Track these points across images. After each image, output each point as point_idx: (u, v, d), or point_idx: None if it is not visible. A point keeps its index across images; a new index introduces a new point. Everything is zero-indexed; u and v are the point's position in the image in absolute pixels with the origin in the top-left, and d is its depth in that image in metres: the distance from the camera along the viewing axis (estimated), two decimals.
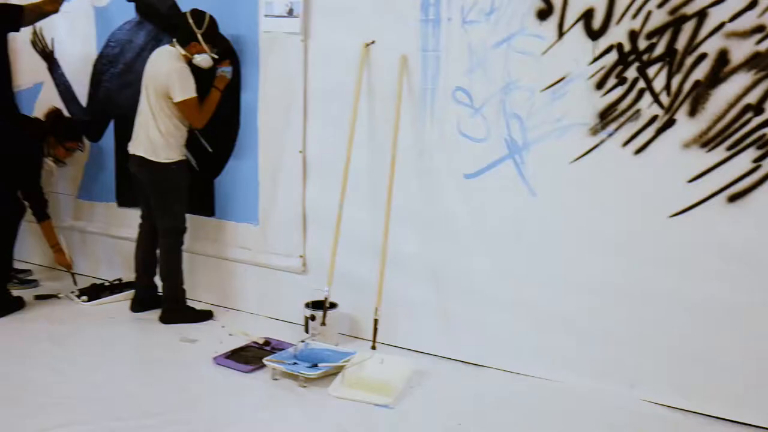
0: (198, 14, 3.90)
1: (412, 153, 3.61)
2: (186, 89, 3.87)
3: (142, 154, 4.01)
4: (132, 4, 4.41)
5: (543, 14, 3.19)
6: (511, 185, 3.38)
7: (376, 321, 3.51)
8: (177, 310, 4.16)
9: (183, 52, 3.90)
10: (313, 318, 3.74)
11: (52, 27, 4.74)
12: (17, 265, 4.67)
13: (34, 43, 4.89)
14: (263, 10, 3.93)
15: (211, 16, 3.91)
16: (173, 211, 4.09)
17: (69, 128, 4.61)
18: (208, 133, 4.23)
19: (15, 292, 4.40)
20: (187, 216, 4.27)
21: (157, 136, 3.95)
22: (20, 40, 4.77)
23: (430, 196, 3.61)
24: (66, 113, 4.73)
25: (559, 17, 3.16)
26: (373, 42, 3.64)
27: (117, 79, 4.57)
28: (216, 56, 3.93)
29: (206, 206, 4.34)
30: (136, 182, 4.16)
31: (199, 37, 3.86)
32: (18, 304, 4.30)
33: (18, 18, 4.10)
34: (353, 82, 3.69)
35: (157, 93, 3.91)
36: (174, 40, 3.95)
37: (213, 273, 4.42)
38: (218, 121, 4.13)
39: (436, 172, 3.58)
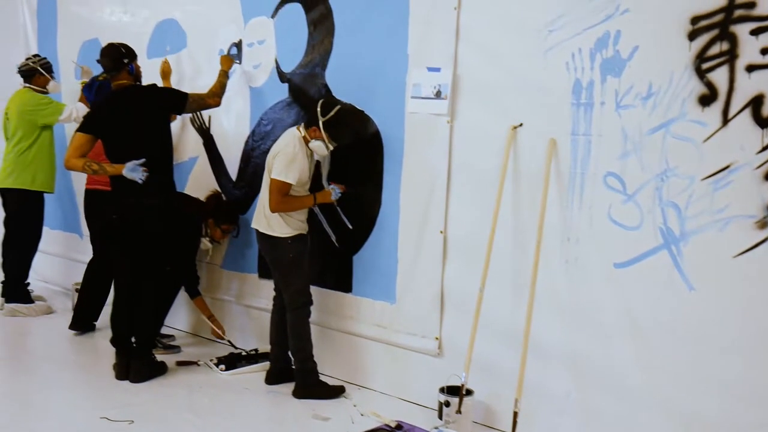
0: (328, 104, 4.01)
1: (559, 238, 3.49)
2: (284, 171, 3.93)
3: (259, 228, 4.11)
4: (285, 85, 4.61)
5: (706, 100, 3.04)
6: (666, 277, 3.17)
7: (515, 414, 3.34)
8: (309, 385, 4.14)
9: (303, 133, 4.01)
10: (447, 404, 3.61)
11: None
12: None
13: (192, 120, 5.20)
14: (410, 92, 3.99)
15: (340, 109, 3.99)
16: (294, 285, 4.12)
17: (228, 212, 4.84)
18: (349, 209, 4.29)
19: (159, 357, 4.55)
20: (324, 291, 4.32)
21: (270, 212, 4.03)
22: (180, 116, 5.10)
23: (577, 284, 3.45)
24: (219, 190, 4.97)
25: (723, 103, 2.99)
26: (520, 124, 3.60)
27: (266, 156, 4.75)
28: (332, 146, 4.00)
29: (344, 282, 4.37)
30: None
31: (320, 123, 3.95)
32: (161, 369, 4.45)
33: (182, 105, 4.37)
34: (499, 164, 3.64)
35: (269, 168, 4.04)
36: (303, 123, 4.07)
37: (347, 349, 4.40)
38: (360, 198, 4.19)
39: (584, 259, 3.43)
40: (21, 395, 4.14)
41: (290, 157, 3.94)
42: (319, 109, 3.98)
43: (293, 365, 4.22)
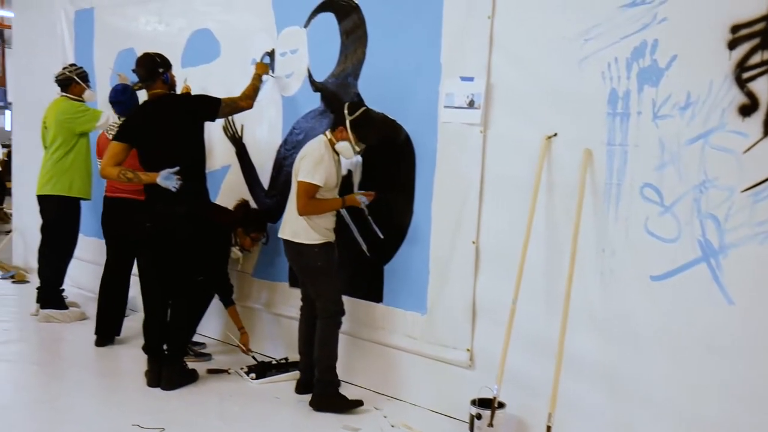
0: (355, 104, 4.04)
1: (594, 250, 3.44)
2: (310, 173, 3.92)
3: (285, 237, 4.11)
4: (318, 94, 4.62)
5: (746, 110, 2.97)
6: (705, 291, 3.10)
7: (549, 428, 3.29)
8: (327, 396, 4.08)
9: (329, 136, 4.01)
10: (479, 417, 3.57)
11: (242, 114, 5.03)
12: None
13: (225, 129, 5.24)
14: (443, 102, 3.97)
15: (367, 110, 4.02)
16: (326, 293, 4.08)
17: (257, 220, 4.86)
18: (381, 219, 4.28)
19: (190, 365, 4.57)
20: (355, 301, 4.30)
21: (297, 218, 4.00)
22: (213, 125, 5.12)
23: (612, 297, 3.40)
24: (250, 198, 4.99)
25: (765, 113, 2.92)
26: (555, 134, 3.56)
27: None
28: (359, 148, 4.01)
29: (375, 292, 4.35)
30: None
31: (348, 123, 3.96)
32: (192, 377, 4.47)
33: (215, 111, 4.39)
34: (532, 175, 3.60)
35: (296, 173, 4.03)
36: (329, 129, 4.08)
37: (377, 359, 4.38)
38: (391, 208, 4.18)
39: (619, 271, 3.37)
40: (53, 401, 4.17)
41: (317, 159, 3.93)
42: (346, 110, 4.00)
43: (315, 374, 4.15)
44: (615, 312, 3.39)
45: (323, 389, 4.09)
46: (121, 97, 5.09)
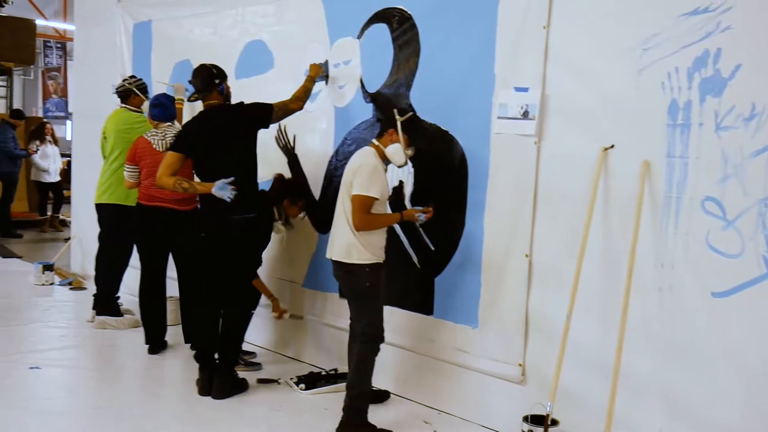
0: (404, 109, 3.98)
1: (652, 265, 3.34)
2: (365, 186, 3.74)
3: (334, 257, 3.92)
4: (370, 105, 4.61)
5: None
6: None
7: None
8: (354, 425, 3.85)
9: (377, 143, 3.92)
10: None
11: (295, 125, 5.08)
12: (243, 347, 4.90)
13: (277, 139, 5.27)
14: (496, 112, 3.92)
15: (414, 115, 3.97)
16: (367, 316, 3.88)
17: (298, 186, 4.91)
18: (432, 231, 4.24)
19: (240, 374, 4.59)
20: (405, 313, 4.26)
21: (347, 235, 3.82)
22: (264, 135, 5.15)
23: (671, 313, 3.29)
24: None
25: None
26: (612, 146, 3.47)
27: None
28: (410, 152, 3.92)
29: (425, 304, 4.31)
30: None
31: (399, 124, 3.88)
32: (243, 386, 4.49)
33: (269, 116, 4.42)
34: (588, 187, 3.52)
35: (346, 187, 3.85)
36: (374, 139, 4.00)
37: (426, 372, 4.33)
38: (443, 220, 4.14)
39: (679, 287, 3.26)
40: (107, 407, 4.23)
41: (371, 170, 3.78)
42: (396, 111, 3.93)
43: (345, 399, 3.90)
44: (675, 329, 3.28)
45: (350, 415, 3.87)
46: (164, 99, 5.25)
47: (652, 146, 3.34)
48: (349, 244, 3.84)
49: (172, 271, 5.30)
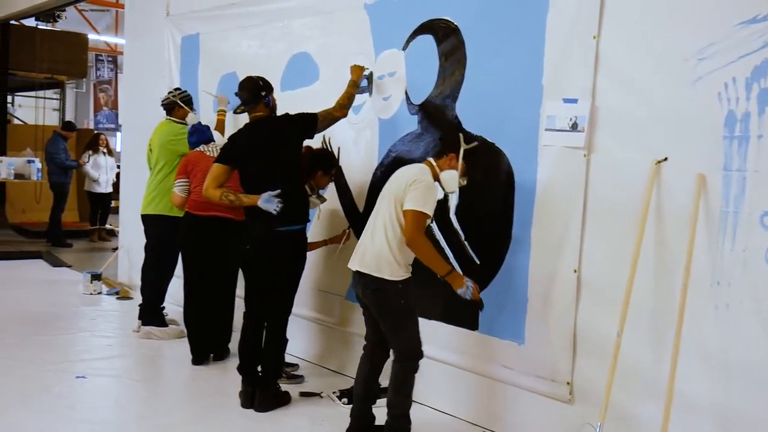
0: (472, 137, 3.89)
1: (707, 282, 3.22)
2: (422, 201, 3.57)
3: (362, 269, 3.74)
4: (415, 117, 4.57)
5: None
6: None
7: None
8: None
9: (434, 163, 3.80)
10: None
11: (339, 137, 5.07)
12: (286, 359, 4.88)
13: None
14: (544, 124, 3.85)
15: (480, 145, 3.88)
16: (408, 334, 3.75)
17: (328, 155, 4.90)
18: (478, 244, 4.17)
19: (283, 387, 4.56)
20: (449, 328, 4.18)
21: (384, 249, 3.66)
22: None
23: (728, 332, 3.16)
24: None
25: None
26: (665, 159, 3.37)
27: None
28: (464, 182, 3.83)
29: (470, 319, 4.23)
30: None
31: (462, 150, 3.77)
32: (285, 399, 4.47)
33: (314, 126, 4.42)
34: (640, 201, 3.42)
35: (396, 199, 3.66)
36: (431, 157, 3.91)
37: (471, 389, 4.26)
38: (488, 233, 4.06)
39: (736, 306, 3.14)
40: (150, 417, 4.25)
41: (427, 186, 3.61)
42: (461, 136, 3.84)
43: (387, 419, 3.80)
44: (731, 349, 3.15)
45: None
46: (198, 126, 5.42)
47: (707, 159, 3.22)
48: (381, 257, 3.68)
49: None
